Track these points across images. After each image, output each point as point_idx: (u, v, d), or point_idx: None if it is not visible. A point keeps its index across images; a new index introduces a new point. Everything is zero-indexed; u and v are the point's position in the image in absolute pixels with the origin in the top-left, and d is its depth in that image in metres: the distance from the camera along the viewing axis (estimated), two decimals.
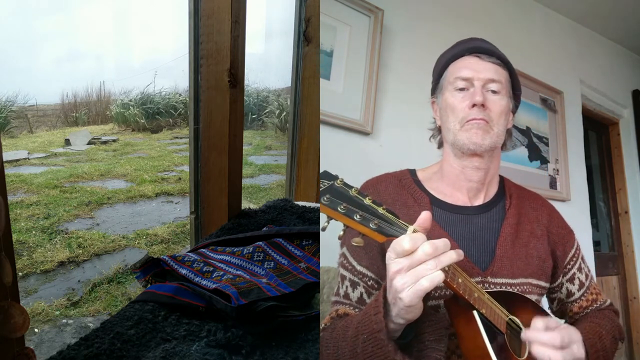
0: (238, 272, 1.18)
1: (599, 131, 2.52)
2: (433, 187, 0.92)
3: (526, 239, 0.90)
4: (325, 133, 1.40)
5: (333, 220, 0.66)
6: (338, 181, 0.65)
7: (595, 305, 0.96)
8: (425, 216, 0.68)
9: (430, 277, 0.64)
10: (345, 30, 1.49)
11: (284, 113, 8.59)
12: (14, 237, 2.78)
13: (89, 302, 3.00)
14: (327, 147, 1.38)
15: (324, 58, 1.47)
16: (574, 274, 0.96)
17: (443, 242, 0.65)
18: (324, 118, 1.40)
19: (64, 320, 2.79)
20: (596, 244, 2.44)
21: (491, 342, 0.72)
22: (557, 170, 2.01)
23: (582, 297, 0.96)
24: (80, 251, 3.65)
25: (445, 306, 0.77)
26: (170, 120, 10.02)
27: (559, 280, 0.96)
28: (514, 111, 0.92)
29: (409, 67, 1.61)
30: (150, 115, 9.90)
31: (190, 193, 1.69)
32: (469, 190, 0.90)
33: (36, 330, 2.65)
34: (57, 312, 2.86)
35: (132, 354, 0.88)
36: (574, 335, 0.75)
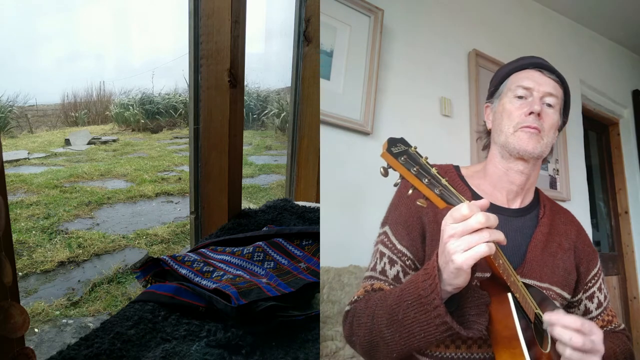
0: (238, 272, 1.18)
1: (599, 131, 2.52)
2: (475, 184, 0.96)
3: (554, 249, 0.94)
4: (325, 133, 1.40)
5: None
6: (412, 148, 0.73)
7: (609, 327, 0.99)
8: (483, 203, 0.71)
9: (489, 244, 0.68)
10: (345, 30, 1.49)
11: (284, 113, 8.59)
12: (14, 237, 2.78)
13: (89, 302, 3.00)
14: (327, 147, 1.38)
15: (324, 58, 1.47)
16: (594, 292, 0.99)
17: (494, 217, 0.69)
18: (324, 118, 1.40)
19: (64, 320, 2.79)
20: (596, 244, 2.44)
21: (521, 326, 0.74)
22: (557, 170, 2.01)
23: (599, 317, 0.99)
24: (80, 251, 3.65)
25: (481, 285, 0.80)
26: (170, 120, 10.02)
27: (579, 296, 0.99)
28: (560, 128, 0.97)
29: (409, 67, 1.61)
30: (150, 115, 9.90)
31: (190, 193, 1.69)
32: (508, 192, 0.95)
33: (36, 330, 2.65)
34: (57, 312, 2.86)
35: (132, 354, 0.88)
36: (595, 328, 0.77)
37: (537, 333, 0.78)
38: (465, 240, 0.68)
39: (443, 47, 1.70)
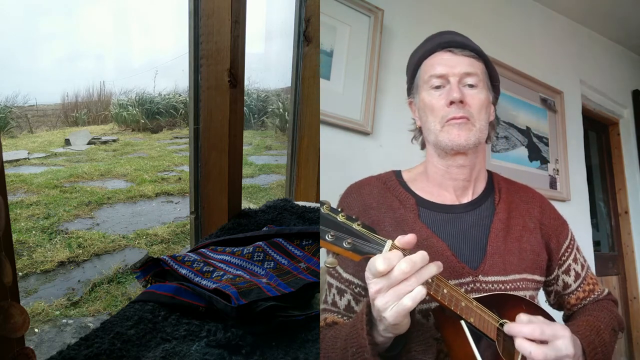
0: (238, 272, 1.18)
1: (599, 131, 2.52)
2: (419, 187, 0.90)
3: (518, 233, 0.88)
4: (325, 133, 1.40)
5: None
6: None
7: (592, 297, 0.95)
8: (408, 239, 0.66)
9: (412, 295, 0.63)
10: (345, 30, 1.49)
11: (284, 113, 8.59)
12: (14, 237, 2.78)
13: (89, 302, 3.00)
14: (327, 147, 1.38)
15: (324, 58, 1.47)
16: (570, 265, 0.94)
17: (421, 257, 0.64)
18: (324, 118, 1.40)
19: (64, 320, 2.79)
20: (596, 244, 2.44)
21: (480, 351, 0.71)
22: (557, 170, 2.01)
23: (579, 289, 0.95)
24: (80, 251, 3.65)
25: (433, 315, 0.77)
26: (171, 120, 10.02)
27: (554, 273, 0.94)
28: (494, 103, 0.90)
29: None
30: (150, 115, 9.91)
31: (190, 193, 1.69)
32: (455, 188, 0.89)
33: (36, 330, 2.65)
34: (57, 312, 2.86)
35: (132, 354, 0.88)
36: (559, 331, 0.73)
37: (506, 345, 0.75)
38: (394, 295, 0.62)
39: None
